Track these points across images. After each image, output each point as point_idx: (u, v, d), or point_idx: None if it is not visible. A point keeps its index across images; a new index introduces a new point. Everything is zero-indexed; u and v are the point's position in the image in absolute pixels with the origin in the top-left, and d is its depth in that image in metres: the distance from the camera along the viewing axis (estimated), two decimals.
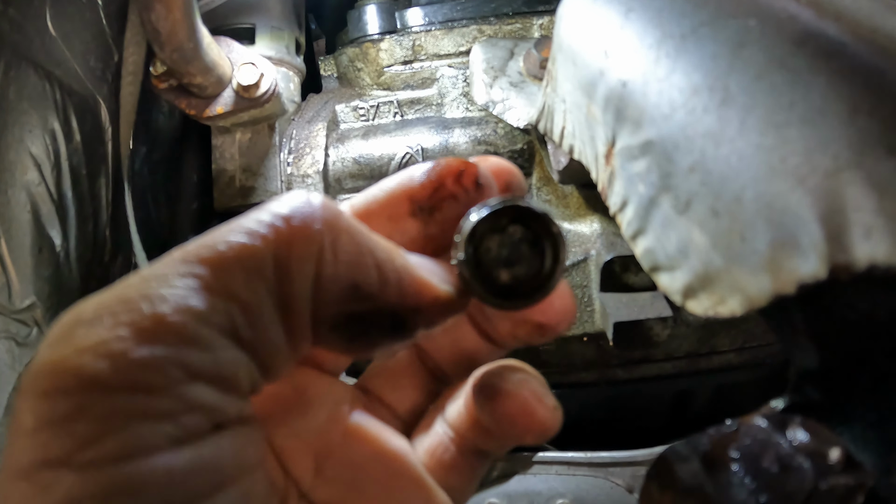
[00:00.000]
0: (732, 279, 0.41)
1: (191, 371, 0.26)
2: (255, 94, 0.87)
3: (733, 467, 0.39)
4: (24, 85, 0.74)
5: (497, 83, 0.89)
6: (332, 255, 0.29)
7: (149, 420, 0.25)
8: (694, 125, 0.43)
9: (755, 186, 0.39)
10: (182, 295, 0.26)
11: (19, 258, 0.72)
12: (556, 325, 0.40)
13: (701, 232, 0.43)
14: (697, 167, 0.42)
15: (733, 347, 0.86)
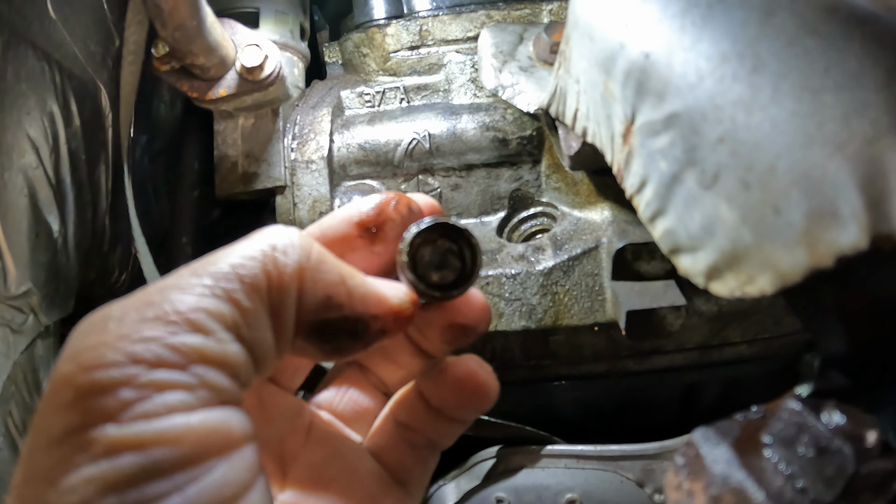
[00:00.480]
0: (763, 255, 0.39)
1: (204, 356, 0.33)
2: (259, 76, 0.85)
3: (766, 453, 0.37)
4: (22, 66, 0.72)
5: (506, 68, 0.87)
6: (310, 275, 0.38)
7: (170, 389, 0.32)
8: (723, 94, 0.41)
9: (790, 155, 0.37)
10: (197, 298, 0.34)
11: (15, 243, 0.71)
12: (476, 325, 0.47)
13: (729, 206, 0.41)
14: (727, 137, 0.40)
15: (745, 339, 0.84)
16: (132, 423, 0.31)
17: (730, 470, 0.36)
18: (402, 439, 0.49)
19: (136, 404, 0.31)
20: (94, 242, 0.87)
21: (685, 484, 0.38)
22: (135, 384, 0.31)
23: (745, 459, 0.36)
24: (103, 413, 0.31)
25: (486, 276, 0.81)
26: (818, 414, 0.37)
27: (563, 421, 0.89)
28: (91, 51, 0.82)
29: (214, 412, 0.34)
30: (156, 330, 0.32)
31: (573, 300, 0.79)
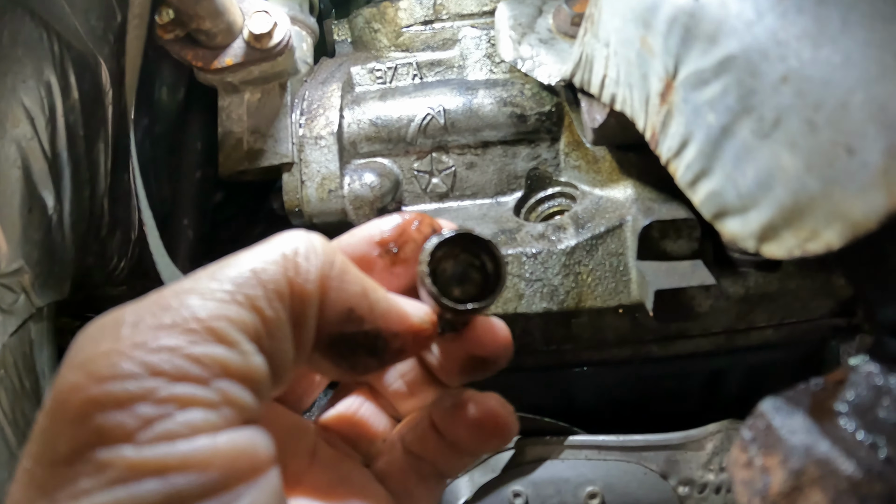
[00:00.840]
0: (832, 204, 0.36)
1: (226, 368, 0.31)
2: (267, 44, 0.81)
3: (842, 422, 0.33)
4: (18, 31, 0.70)
5: (526, 40, 0.83)
6: (333, 285, 0.36)
7: (193, 406, 0.29)
8: (787, 28, 0.37)
9: (865, 88, 0.34)
10: (217, 304, 0.31)
11: (7, 217, 0.68)
12: (497, 359, 0.44)
13: (792, 154, 0.38)
14: (791, 75, 0.37)
15: (771, 323, 0.80)
16: (153, 444, 0.28)
17: (812, 440, 0.32)
18: (409, 467, 0.47)
19: (157, 423, 0.28)
20: (91, 225, 0.83)
21: (757, 459, 0.33)
22: (154, 399, 0.29)
23: (825, 428, 0.32)
24: (119, 431, 0.28)
25: (506, 256, 0.77)
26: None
27: (584, 409, 0.85)
28: (92, 24, 0.79)
29: (241, 432, 0.31)
30: (175, 338, 0.30)
31: (596, 281, 0.75)
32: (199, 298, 0.31)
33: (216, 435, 0.30)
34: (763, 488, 0.32)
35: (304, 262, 0.35)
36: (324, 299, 0.35)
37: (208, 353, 0.30)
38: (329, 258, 0.36)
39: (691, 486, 0.76)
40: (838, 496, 0.30)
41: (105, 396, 0.28)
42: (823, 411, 0.34)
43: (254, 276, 0.33)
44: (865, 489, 0.29)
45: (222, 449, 0.30)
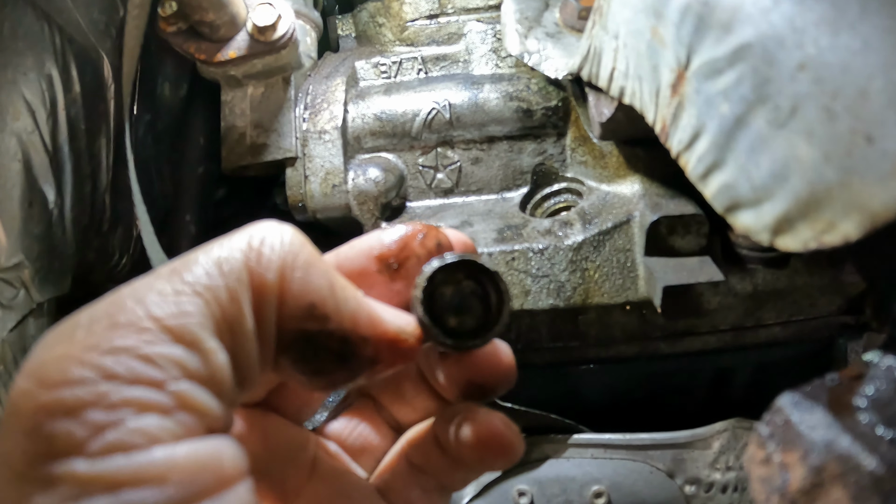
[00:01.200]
0: (850, 194, 0.35)
1: (185, 370, 0.28)
2: (271, 36, 0.81)
3: (861, 417, 0.33)
4: (19, 23, 0.69)
5: (532, 34, 0.82)
6: (296, 276, 0.33)
7: (148, 412, 0.27)
8: (804, 14, 0.36)
9: (885, 75, 0.33)
10: (176, 301, 0.29)
11: (7, 210, 0.67)
12: (496, 387, 0.42)
13: (809, 143, 0.37)
14: (809, 63, 0.36)
15: (779, 321, 0.80)
16: (105, 457, 0.26)
17: (832, 435, 0.31)
18: (412, 481, 0.45)
19: (108, 430, 0.26)
20: (92, 220, 0.83)
21: (776, 456, 0.33)
22: (105, 404, 0.27)
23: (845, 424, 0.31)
24: (69, 442, 0.26)
25: (512, 251, 0.76)
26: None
27: (590, 407, 0.84)
28: (94, 18, 0.79)
29: (203, 443, 0.29)
30: (128, 338, 0.28)
31: (604, 277, 0.74)
32: (157, 295, 0.29)
33: (175, 445, 0.28)
34: (782, 485, 0.32)
35: (267, 252, 0.32)
36: (284, 291, 0.33)
37: (164, 353, 0.28)
38: (295, 248, 0.33)
39: (698, 485, 0.75)
40: (860, 492, 0.29)
41: (54, 403, 0.26)
42: (842, 406, 0.33)
43: (215, 267, 0.31)
44: (888, 485, 0.28)
45: (181, 461, 0.27)
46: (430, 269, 0.38)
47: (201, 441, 0.29)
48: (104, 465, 0.26)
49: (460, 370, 0.42)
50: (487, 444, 0.41)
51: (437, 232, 0.41)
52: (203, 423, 0.29)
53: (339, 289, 0.34)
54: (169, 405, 0.28)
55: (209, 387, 0.30)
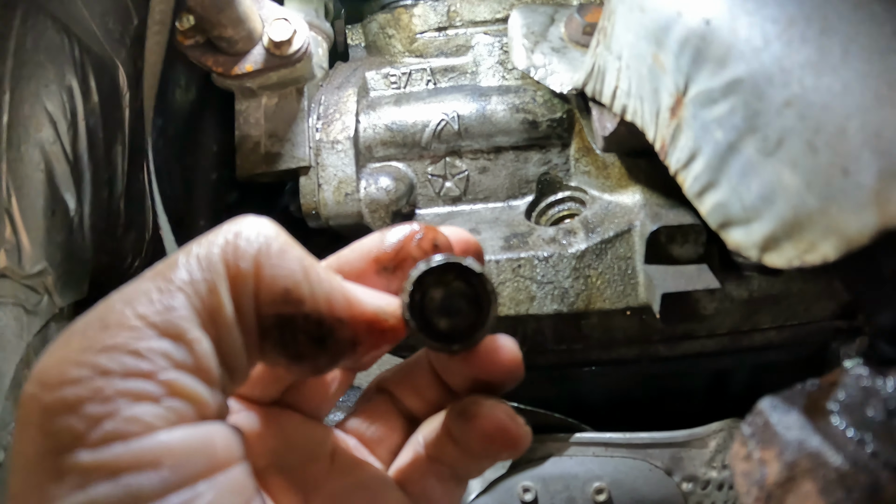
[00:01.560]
0: (829, 220, 0.38)
1: (174, 361, 0.31)
2: (287, 51, 0.84)
3: (833, 420, 0.36)
4: (41, 36, 0.71)
5: (538, 48, 0.86)
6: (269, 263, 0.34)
7: (142, 401, 0.30)
8: (791, 56, 0.40)
9: (861, 116, 0.36)
10: (160, 298, 0.32)
11: (31, 219, 0.69)
12: (503, 384, 0.43)
13: (793, 172, 0.40)
14: (794, 100, 0.39)
15: (774, 325, 0.83)
16: (104, 446, 0.29)
17: (804, 435, 0.35)
18: (428, 471, 0.46)
19: (106, 421, 0.29)
20: (108, 224, 0.85)
21: (756, 453, 0.36)
22: (101, 398, 0.29)
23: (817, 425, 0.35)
24: (72, 435, 0.29)
25: (518, 259, 0.80)
26: (885, 378, 0.36)
27: (592, 407, 0.88)
28: (109, 28, 0.81)
29: (195, 428, 0.31)
30: (118, 337, 0.30)
31: (606, 283, 0.78)
32: (143, 295, 0.31)
33: (168, 431, 0.30)
34: (761, 479, 0.35)
35: (243, 244, 0.34)
36: (259, 279, 0.34)
37: (152, 346, 0.30)
38: (269, 239, 0.35)
39: (695, 482, 0.78)
40: (827, 486, 0.32)
41: (56, 402, 0.29)
42: (817, 410, 0.37)
43: (195, 263, 0.33)
44: (851, 480, 0.32)
45: (175, 445, 0.29)
46: (417, 272, 0.38)
47: (194, 427, 0.31)
48: (104, 454, 0.28)
49: (466, 367, 0.42)
50: (493, 437, 0.42)
51: (435, 232, 0.41)
52: (195, 410, 0.31)
53: (314, 273, 0.35)
54: (160, 394, 0.30)
55: (198, 375, 0.32)
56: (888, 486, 0.31)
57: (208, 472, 0.31)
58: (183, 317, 0.32)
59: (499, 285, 0.80)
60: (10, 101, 0.67)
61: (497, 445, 0.42)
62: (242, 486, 0.32)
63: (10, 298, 0.66)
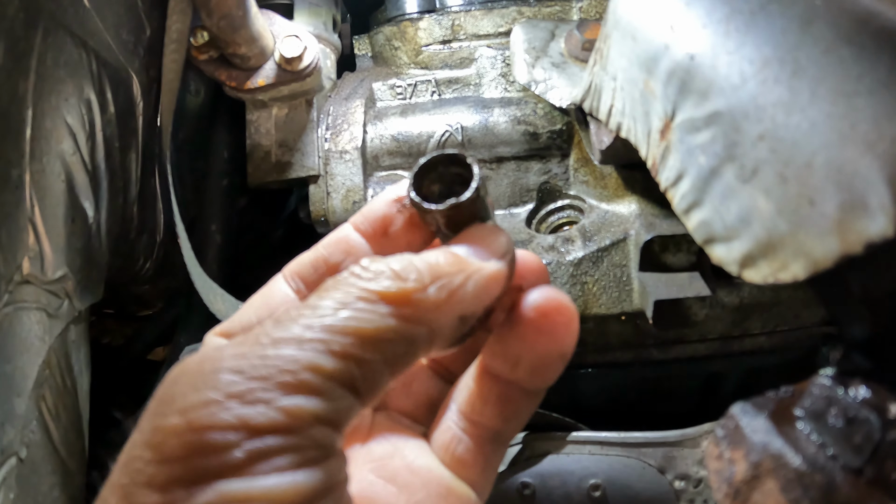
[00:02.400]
0: (798, 243, 0.42)
1: (318, 417, 0.32)
2: (297, 66, 0.88)
3: (799, 425, 0.40)
4: (61, 52, 0.73)
5: (539, 63, 0.89)
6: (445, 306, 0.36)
7: (280, 455, 0.31)
8: (765, 95, 0.43)
9: (826, 152, 0.40)
10: (312, 357, 0.33)
11: (53, 228, 0.72)
12: (535, 282, 0.42)
13: (766, 199, 0.44)
14: (767, 135, 0.43)
15: (765, 331, 0.86)
16: (239, 479, 0.31)
17: (768, 438, 0.39)
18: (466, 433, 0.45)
19: (245, 466, 0.31)
20: (122, 229, 0.88)
21: (726, 453, 0.40)
22: (245, 449, 0.31)
23: (782, 430, 0.39)
24: (211, 471, 0.31)
25: None
26: (846, 388, 0.40)
27: (589, 408, 0.91)
28: (123, 39, 0.84)
29: (320, 468, 0.33)
30: (268, 393, 0.32)
31: (601, 290, 0.82)
32: (295, 349, 0.33)
33: (296, 473, 0.31)
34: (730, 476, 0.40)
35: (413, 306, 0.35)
36: (436, 323, 0.36)
37: (300, 405, 0.32)
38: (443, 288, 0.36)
39: (687, 480, 0.82)
40: (787, 484, 0.37)
41: (203, 444, 0.31)
42: (786, 415, 0.40)
43: (351, 327, 0.34)
44: (808, 479, 0.36)
45: (301, 484, 0.31)
46: (415, 168, 0.41)
47: (320, 467, 0.33)
48: (238, 485, 0.31)
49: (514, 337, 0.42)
50: (544, 312, 0.40)
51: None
52: (324, 454, 0.33)
53: (463, 285, 0.37)
54: (298, 445, 0.32)
55: (333, 427, 0.33)
56: (843, 485, 0.35)
57: (323, 497, 0.33)
58: (332, 377, 0.33)
59: None
60: (33, 116, 0.69)
61: (548, 326, 0.41)
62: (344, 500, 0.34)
63: (33, 303, 0.69)
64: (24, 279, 0.68)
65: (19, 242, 0.67)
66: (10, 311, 0.66)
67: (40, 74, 0.70)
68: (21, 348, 0.67)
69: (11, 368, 0.65)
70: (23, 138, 0.68)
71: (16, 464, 0.65)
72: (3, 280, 0.65)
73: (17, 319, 0.66)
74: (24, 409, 0.67)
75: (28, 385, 0.67)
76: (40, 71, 0.70)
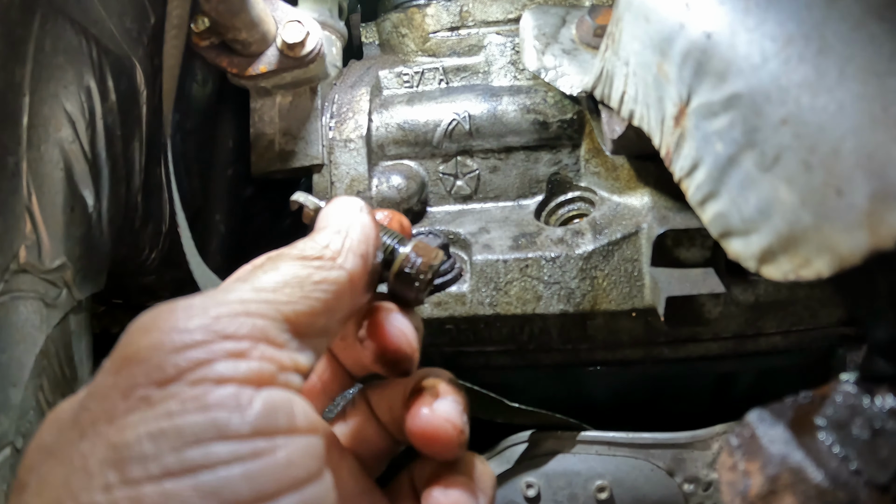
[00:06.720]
0: (822, 237, 0.39)
1: (266, 337, 0.38)
2: (300, 52, 0.85)
3: (820, 435, 0.37)
4: (59, 39, 0.72)
5: (549, 50, 0.86)
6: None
7: (241, 359, 0.36)
8: (788, 75, 0.40)
9: (855, 137, 0.37)
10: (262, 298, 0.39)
11: (50, 216, 0.71)
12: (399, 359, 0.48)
13: (789, 188, 0.41)
14: (791, 119, 0.40)
15: (780, 330, 0.83)
16: (202, 385, 0.34)
17: (788, 450, 0.36)
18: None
19: (204, 367, 0.34)
20: (126, 219, 0.87)
21: (741, 464, 0.38)
22: (204, 350, 0.35)
23: (801, 440, 0.36)
24: (177, 370, 0.34)
25: (526, 259, 0.81)
26: (872, 396, 0.37)
27: (597, 407, 0.89)
28: (126, 27, 0.83)
29: (280, 392, 0.37)
30: (223, 322, 0.36)
31: (612, 285, 0.79)
32: (249, 293, 0.39)
33: (258, 389, 0.35)
34: (744, 490, 0.37)
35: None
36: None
37: (254, 323, 0.37)
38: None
39: (696, 483, 0.80)
40: (807, 500, 0.34)
41: (180, 344, 0.34)
42: (806, 424, 0.37)
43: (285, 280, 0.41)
44: (830, 496, 0.33)
45: (261, 398, 0.35)
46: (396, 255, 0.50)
47: (279, 390, 0.37)
48: (199, 391, 0.33)
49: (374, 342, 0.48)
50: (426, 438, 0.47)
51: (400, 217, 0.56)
52: (281, 378, 0.37)
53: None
54: (253, 353, 0.36)
55: (276, 346, 0.38)
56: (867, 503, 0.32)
57: (287, 431, 0.35)
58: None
59: (506, 284, 0.81)
60: (30, 103, 0.68)
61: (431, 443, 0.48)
62: (315, 454, 0.37)
63: (30, 293, 0.69)
64: (20, 268, 0.67)
65: (16, 231, 0.67)
66: (6, 300, 0.65)
67: (38, 61, 0.69)
68: (17, 338, 0.67)
69: (7, 358, 0.65)
70: (19, 126, 0.67)
71: (11, 453, 0.64)
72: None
73: (13, 308, 0.66)
74: (20, 398, 0.66)
75: (24, 375, 0.67)
76: (38, 58, 0.69)
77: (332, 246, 0.45)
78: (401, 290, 0.51)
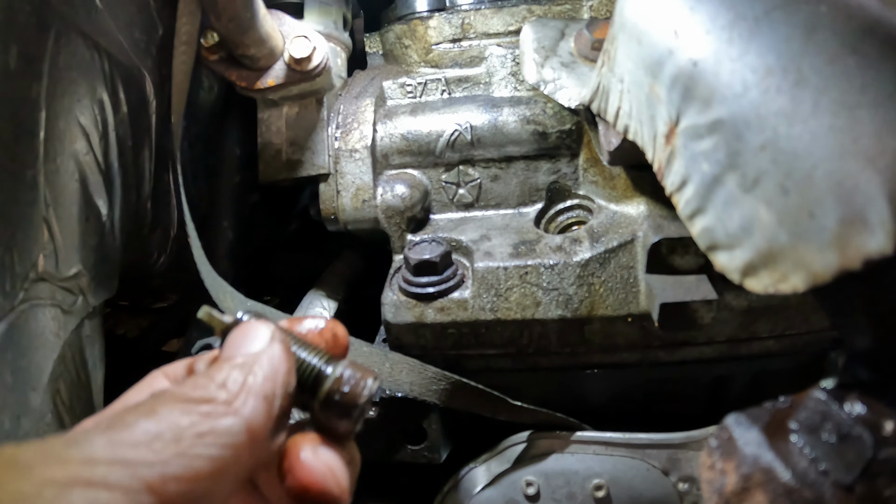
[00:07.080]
0: (797, 256, 0.42)
1: None
2: (307, 67, 0.88)
3: (792, 438, 0.40)
4: (73, 54, 0.74)
5: (548, 63, 0.89)
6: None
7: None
8: (767, 104, 0.43)
9: (827, 165, 0.40)
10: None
11: (67, 226, 0.73)
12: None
13: (767, 209, 0.44)
14: (769, 145, 0.43)
15: (773, 334, 0.86)
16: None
17: (760, 451, 0.39)
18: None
19: None
20: (136, 225, 0.90)
21: (718, 463, 0.41)
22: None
23: (774, 443, 0.39)
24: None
25: (525, 266, 0.84)
26: (841, 403, 0.40)
27: (594, 409, 0.92)
28: (136, 38, 0.85)
29: None
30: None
31: (608, 291, 0.82)
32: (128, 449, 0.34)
33: None
34: (720, 487, 0.40)
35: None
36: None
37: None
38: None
39: (691, 483, 0.82)
40: (776, 498, 0.37)
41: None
42: (781, 427, 0.41)
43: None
44: (797, 494, 0.36)
45: None
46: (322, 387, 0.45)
47: None
48: None
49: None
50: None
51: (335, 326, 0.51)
52: None
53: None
54: None
55: None
56: (832, 502, 0.35)
57: None
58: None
59: (506, 291, 0.84)
60: (47, 118, 0.70)
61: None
62: None
63: (48, 300, 0.71)
64: (39, 276, 0.69)
65: (34, 241, 0.69)
66: (25, 307, 0.67)
67: (53, 77, 0.71)
68: (36, 344, 0.69)
69: (27, 363, 0.67)
70: (37, 140, 0.69)
71: None
72: (19, 278, 0.66)
73: (32, 316, 0.68)
74: (39, 402, 0.68)
75: (43, 379, 0.69)
76: (53, 73, 0.71)
77: (230, 385, 0.38)
78: (328, 422, 0.44)
